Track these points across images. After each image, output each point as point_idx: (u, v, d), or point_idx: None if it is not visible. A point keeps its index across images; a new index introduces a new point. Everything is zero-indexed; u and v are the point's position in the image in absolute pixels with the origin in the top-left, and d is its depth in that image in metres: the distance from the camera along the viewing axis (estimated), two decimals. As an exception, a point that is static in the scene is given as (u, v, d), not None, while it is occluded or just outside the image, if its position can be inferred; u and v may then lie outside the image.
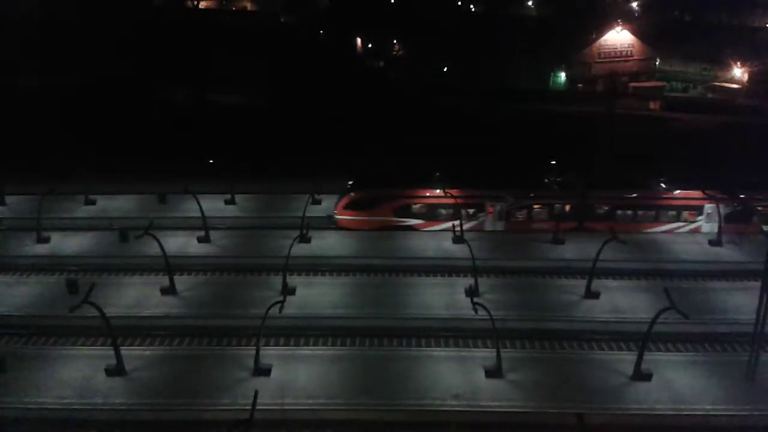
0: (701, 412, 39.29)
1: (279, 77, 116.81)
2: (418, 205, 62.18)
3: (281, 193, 69.04)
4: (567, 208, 62.06)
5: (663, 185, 63.32)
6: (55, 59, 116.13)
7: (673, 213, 61.77)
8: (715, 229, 60.04)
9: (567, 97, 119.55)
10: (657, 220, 61.74)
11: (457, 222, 59.88)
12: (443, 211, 62.00)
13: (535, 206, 62.12)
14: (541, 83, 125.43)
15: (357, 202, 62.56)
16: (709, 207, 60.92)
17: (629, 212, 61.81)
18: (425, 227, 62.29)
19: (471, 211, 62.19)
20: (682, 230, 61.80)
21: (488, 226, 62.44)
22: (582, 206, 61.46)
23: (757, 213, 61.20)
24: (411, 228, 62.13)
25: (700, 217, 61.66)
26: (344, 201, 62.78)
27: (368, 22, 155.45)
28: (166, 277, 51.37)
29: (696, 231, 61.55)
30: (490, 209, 62.07)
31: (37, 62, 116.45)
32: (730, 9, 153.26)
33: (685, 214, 61.75)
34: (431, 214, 62.18)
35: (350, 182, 64.93)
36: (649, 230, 61.39)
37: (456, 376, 41.94)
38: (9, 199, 67.33)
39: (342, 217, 62.61)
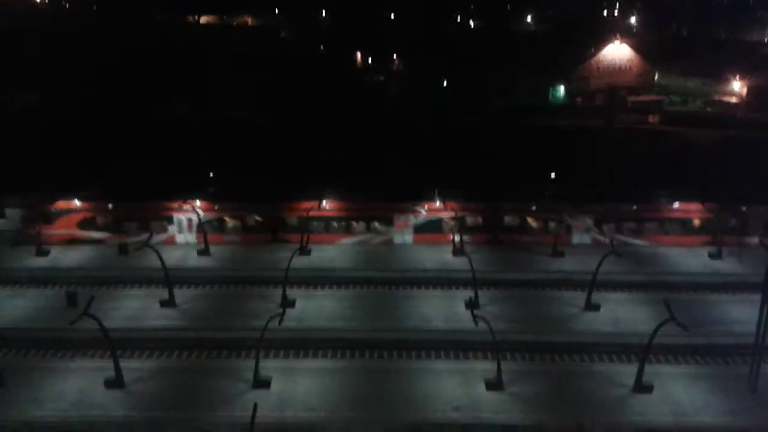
0: (702, 424, 39.09)
1: (279, 93, 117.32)
2: (103, 219, 61.56)
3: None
4: (260, 220, 62.55)
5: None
6: (54, 75, 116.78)
7: (364, 224, 62.36)
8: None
9: (564, 111, 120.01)
10: (348, 231, 62.11)
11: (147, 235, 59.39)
12: (132, 224, 61.49)
13: (227, 219, 62.19)
14: (540, 98, 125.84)
15: (41, 215, 61.32)
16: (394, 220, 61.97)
17: (322, 223, 62.25)
18: (112, 241, 61.21)
19: (164, 223, 61.76)
20: (373, 241, 62.22)
21: (180, 240, 61.75)
22: (275, 219, 62.30)
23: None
24: (99, 241, 61.06)
25: (390, 228, 62.26)
26: (30, 214, 61.67)
27: (368, 38, 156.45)
28: (166, 289, 51.36)
29: (387, 242, 62.15)
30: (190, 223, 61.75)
31: (38, 78, 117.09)
32: (728, 23, 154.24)
33: (383, 225, 62.50)
34: (118, 227, 61.65)
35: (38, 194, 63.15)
36: (342, 241, 61.56)
37: (456, 389, 41.79)
38: (9, 212, 67.13)
39: (29, 231, 60.87)
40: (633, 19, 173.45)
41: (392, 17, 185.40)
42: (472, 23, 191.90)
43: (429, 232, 62.27)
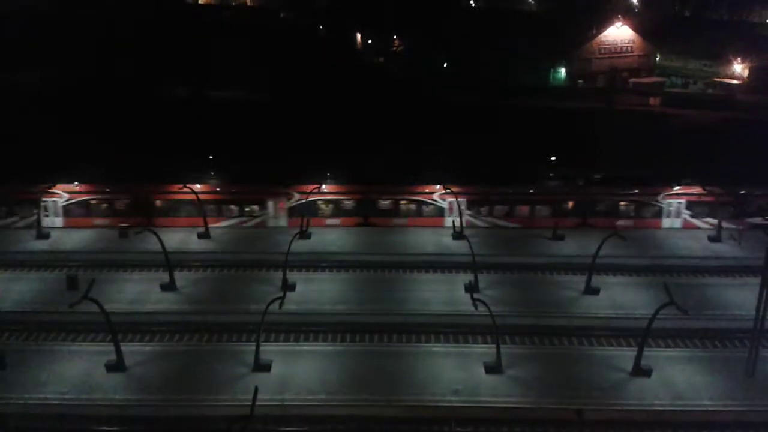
0: (701, 408, 39.31)
1: (279, 73, 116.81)
2: None
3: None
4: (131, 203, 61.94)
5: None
6: (54, 54, 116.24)
7: (234, 207, 62.12)
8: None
9: (565, 93, 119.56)
10: (220, 215, 61.88)
11: None
12: None
13: (93, 202, 61.71)
14: (541, 79, 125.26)
15: None
16: (270, 202, 61.78)
17: (191, 207, 61.29)
18: None
19: (32, 208, 61.13)
20: (246, 225, 62.25)
21: (47, 223, 60.99)
22: (146, 203, 61.63)
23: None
24: None
25: (265, 212, 62.02)
26: None
27: (368, 18, 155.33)
28: (166, 272, 51.45)
29: (261, 225, 61.78)
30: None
31: (37, 57, 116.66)
32: (730, 5, 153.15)
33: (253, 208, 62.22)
34: None
35: None
36: (215, 225, 61.00)
37: (456, 372, 41.98)
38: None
39: None
40: (634, 0, 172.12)
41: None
42: (472, 2, 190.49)
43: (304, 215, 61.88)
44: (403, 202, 62.97)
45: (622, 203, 62.49)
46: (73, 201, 61.59)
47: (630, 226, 61.18)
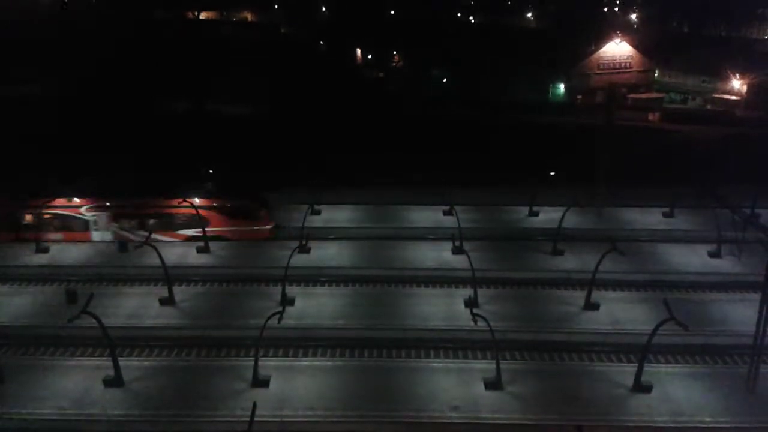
0: (701, 424, 39.09)
1: (279, 88, 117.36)
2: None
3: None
4: None
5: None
6: (57, 70, 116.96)
7: None
8: None
9: (564, 108, 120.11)
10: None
11: None
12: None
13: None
14: (541, 95, 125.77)
15: None
16: None
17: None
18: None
19: None
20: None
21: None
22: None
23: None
24: None
25: None
26: None
27: (368, 34, 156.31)
28: (165, 287, 51.32)
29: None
30: None
31: (40, 73, 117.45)
32: (728, 21, 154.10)
33: None
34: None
35: None
36: None
37: (455, 388, 41.77)
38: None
39: None
40: (633, 16, 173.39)
41: (392, 13, 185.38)
42: (472, 19, 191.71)
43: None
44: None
45: (47, 215, 61.00)
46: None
47: (58, 239, 60.51)
